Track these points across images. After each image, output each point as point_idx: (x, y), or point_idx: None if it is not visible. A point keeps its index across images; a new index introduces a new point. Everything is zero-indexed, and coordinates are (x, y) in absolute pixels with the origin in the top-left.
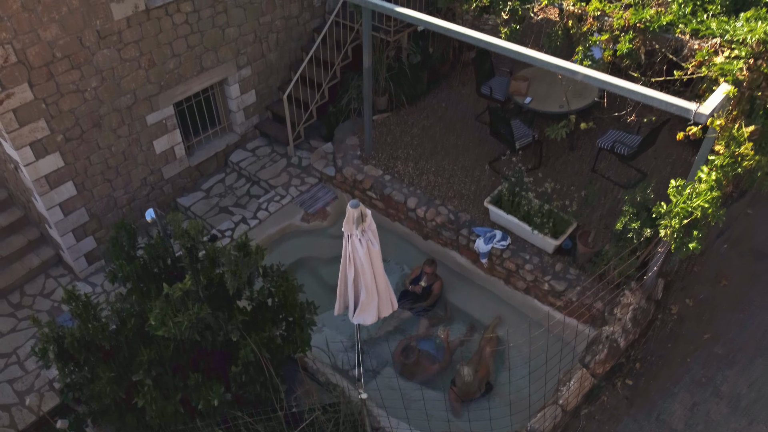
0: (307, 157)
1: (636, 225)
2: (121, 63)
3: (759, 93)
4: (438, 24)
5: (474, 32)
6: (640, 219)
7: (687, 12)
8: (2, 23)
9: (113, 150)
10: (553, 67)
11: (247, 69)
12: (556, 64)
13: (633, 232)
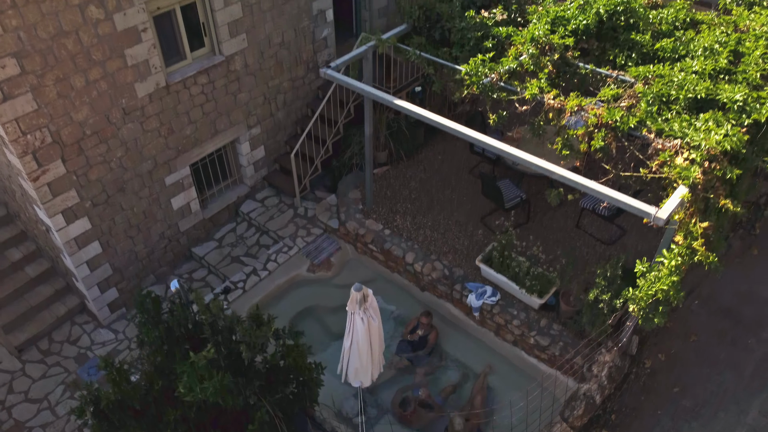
0: (312, 208)
1: (607, 296)
2: (143, 134)
3: (711, 195)
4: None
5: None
6: (611, 291)
7: (654, 110)
8: (40, 110)
9: (135, 210)
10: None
11: (256, 128)
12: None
13: (604, 303)
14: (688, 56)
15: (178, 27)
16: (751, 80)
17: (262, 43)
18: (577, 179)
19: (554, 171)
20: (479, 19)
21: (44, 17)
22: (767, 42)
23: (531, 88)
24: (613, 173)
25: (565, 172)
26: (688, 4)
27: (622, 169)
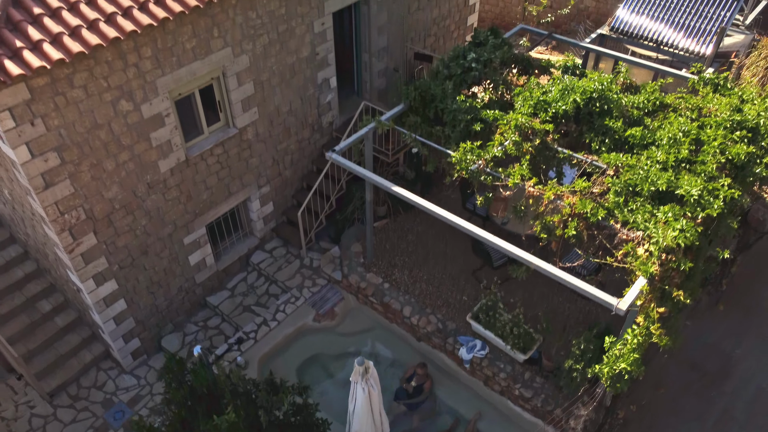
0: (317, 259)
1: (580, 366)
2: (165, 203)
3: (667, 286)
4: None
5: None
6: (584, 360)
7: (621, 201)
8: (76, 193)
9: (156, 269)
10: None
11: (266, 187)
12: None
13: (577, 373)
14: (655, 144)
15: (196, 107)
16: (708, 171)
17: (271, 114)
18: (544, 266)
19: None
20: (469, 103)
21: (82, 115)
22: (725, 132)
23: (513, 177)
24: (584, 257)
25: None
26: (658, 86)
27: (593, 254)
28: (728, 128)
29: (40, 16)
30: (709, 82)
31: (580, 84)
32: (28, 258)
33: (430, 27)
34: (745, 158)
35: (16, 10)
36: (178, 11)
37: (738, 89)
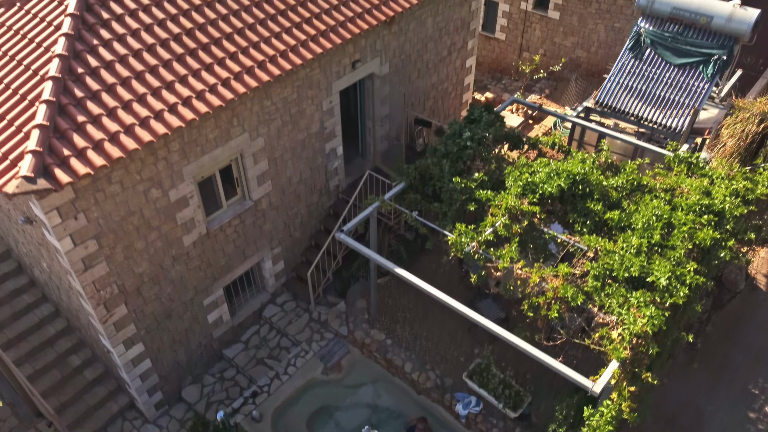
0: (325, 313)
1: (563, 430)
2: (188, 272)
3: (637, 369)
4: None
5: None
6: (567, 424)
7: (598, 285)
8: (111, 272)
9: (178, 330)
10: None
11: (278, 248)
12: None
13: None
14: (631, 227)
15: (216, 184)
16: (677, 257)
17: (283, 184)
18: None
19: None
20: (464, 183)
21: (117, 205)
22: (694, 216)
23: (503, 260)
24: (565, 337)
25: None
26: (636, 166)
27: (574, 335)
28: (697, 212)
29: (84, 124)
30: (683, 161)
31: (565, 167)
32: (59, 316)
33: (429, 91)
34: (710, 243)
35: (62, 118)
36: (204, 112)
37: (709, 168)
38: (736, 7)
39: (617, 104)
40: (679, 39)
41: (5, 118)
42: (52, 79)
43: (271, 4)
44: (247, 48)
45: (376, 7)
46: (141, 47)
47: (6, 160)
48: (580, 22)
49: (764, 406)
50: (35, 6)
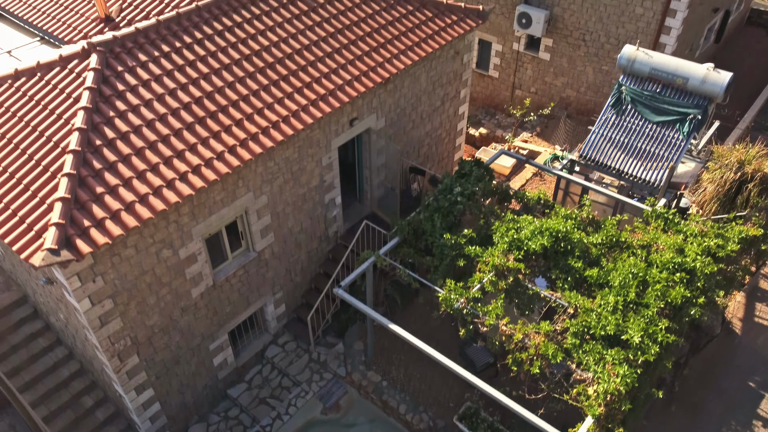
0: (325, 354)
1: None
2: (195, 321)
3: (610, 425)
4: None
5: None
6: None
7: (577, 343)
8: (125, 326)
9: (186, 374)
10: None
11: (279, 293)
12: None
13: None
14: (609, 284)
15: (222, 239)
16: (650, 315)
17: (285, 235)
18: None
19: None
20: (454, 240)
21: (132, 266)
22: (667, 274)
23: (489, 317)
24: (547, 391)
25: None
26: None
27: (554, 389)
28: (670, 269)
29: (102, 195)
30: (660, 216)
31: (548, 224)
32: (73, 358)
33: (424, 139)
34: (681, 301)
35: (82, 190)
36: (212, 179)
37: (683, 225)
38: (709, 70)
39: (600, 158)
40: (658, 98)
41: (29, 188)
42: (72, 152)
43: (273, 69)
44: (252, 114)
45: (373, 69)
46: (154, 117)
47: (31, 231)
48: (569, 64)
49: None
50: (55, 77)
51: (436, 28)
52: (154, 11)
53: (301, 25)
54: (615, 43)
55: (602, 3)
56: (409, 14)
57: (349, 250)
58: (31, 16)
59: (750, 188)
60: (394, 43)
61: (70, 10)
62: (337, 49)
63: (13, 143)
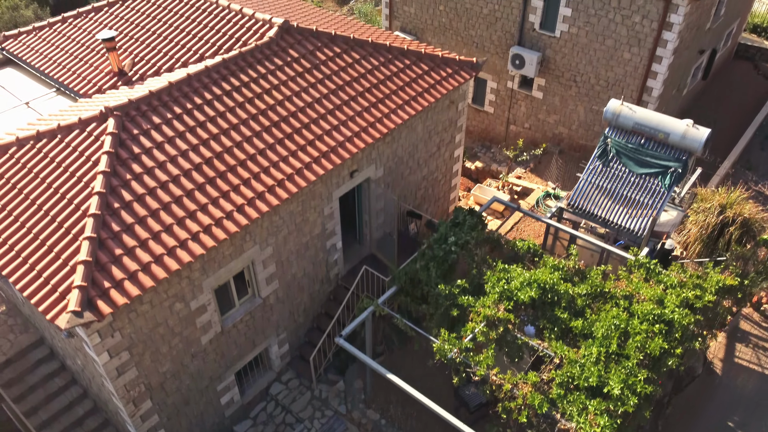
0: (326, 391)
1: None
2: (204, 365)
3: None
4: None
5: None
6: None
7: (562, 393)
8: (139, 374)
9: (195, 413)
10: None
11: (283, 334)
12: None
13: None
14: (593, 335)
15: (230, 288)
16: (630, 366)
17: (289, 281)
18: None
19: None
20: (448, 290)
21: (147, 320)
22: (647, 326)
23: (480, 368)
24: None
25: None
26: (600, 272)
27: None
28: (650, 321)
29: (120, 256)
30: (642, 265)
31: (537, 276)
32: (87, 397)
33: (420, 183)
34: (660, 352)
35: (102, 252)
36: (222, 239)
37: (664, 275)
38: (689, 126)
39: (587, 206)
40: (641, 151)
41: (53, 250)
42: (93, 215)
43: (278, 128)
44: (258, 174)
45: (373, 125)
46: (167, 179)
47: (55, 292)
48: (561, 103)
49: None
50: (74, 139)
51: (432, 82)
52: (164, 66)
53: (304, 82)
54: (605, 84)
55: (592, 47)
56: (406, 68)
57: (349, 293)
58: (47, 67)
59: (731, 231)
60: (392, 98)
61: (85, 62)
62: (338, 106)
63: (36, 204)
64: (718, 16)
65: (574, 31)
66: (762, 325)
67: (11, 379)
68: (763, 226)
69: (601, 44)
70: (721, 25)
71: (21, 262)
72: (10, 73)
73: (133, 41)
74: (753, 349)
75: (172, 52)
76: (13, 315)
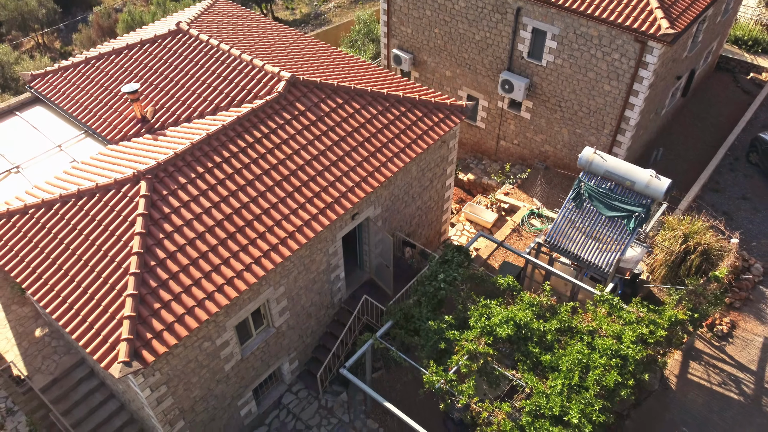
0: (331, 401)
1: None
2: (227, 387)
3: None
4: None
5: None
6: None
7: (530, 420)
8: (175, 402)
9: (219, 426)
10: None
11: (293, 353)
12: None
13: None
14: (558, 368)
15: (248, 323)
16: (588, 397)
17: (299, 311)
18: None
19: None
20: (437, 325)
21: (181, 359)
22: (606, 359)
23: (463, 396)
24: None
25: None
26: (570, 308)
27: None
28: (608, 355)
29: (159, 310)
30: (606, 301)
31: (514, 313)
32: (124, 409)
33: (415, 213)
34: (614, 384)
35: (143, 306)
36: (243, 289)
37: (624, 312)
38: (652, 177)
39: (561, 244)
40: (610, 195)
41: (100, 304)
42: (133, 274)
43: (288, 182)
44: (272, 227)
45: (372, 174)
46: (194, 235)
47: (106, 343)
48: (547, 125)
49: None
50: (111, 199)
51: (425, 128)
52: (183, 115)
53: (310, 135)
54: (587, 111)
55: (575, 78)
56: (402, 116)
57: (353, 317)
58: (75, 110)
59: (692, 258)
60: (389, 146)
61: (110, 107)
62: (341, 157)
63: (83, 260)
64: (696, 43)
65: (560, 62)
66: (713, 344)
67: (58, 396)
68: (721, 255)
69: (584, 76)
70: (700, 50)
71: (74, 314)
72: (40, 112)
73: (152, 87)
74: (704, 367)
75: (189, 101)
76: (56, 337)
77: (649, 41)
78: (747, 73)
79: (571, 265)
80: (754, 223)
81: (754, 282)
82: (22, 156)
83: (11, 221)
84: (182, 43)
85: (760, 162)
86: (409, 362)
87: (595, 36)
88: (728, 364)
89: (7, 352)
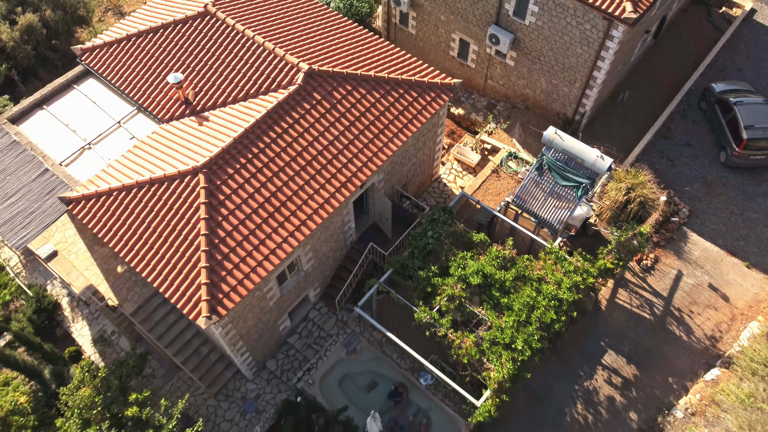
0: (346, 316)
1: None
2: (271, 316)
3: (501, 394)
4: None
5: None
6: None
7: (489, 347)
8: (236, 332)
9: (264, 339)
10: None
11: (316, 284)
12: None
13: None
14: (511, 308)
15: (285, 271)
16: (531, 330)
17: (321, 257)
18: (444, 377)
19: (434, 371)
20: (425, 274)
21: (240, 306)
22: (547, 302)
23: (443, 327)
24: (470, 371)
25: (437, 372)
26: (527, 258)
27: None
28: (549, 298)
29: (225, 276)
30: (553, 253)
31: (483, 264)
32: (192, 325)
33: (410, 169)
34: (549, 321)
35: (213, 275)
36: (284, 256)
37: (568, 263)
38: (597, 157)
39: (524, 204)
40: (565, 168)
41: (182, 272)
42: (204, 251)
43: (311, 166)
44: (301, 205)
45: (378, 151)
46: (244, 216)
47: (190, 302)
48: (528, 73)
49: (584, 383)
50: (177, 187)
51: (419, 107)
52: (219, 99)
53: (326, 122)
54: (561, 67)
55: (553, 39)
56: (400, 98)
57: (363, 256)
58: (126, 87)
59: (632, 207)
60: (390, 127)
61: (156, 87)
62: (351, 140)
63: (162, 237)
64: (664, 2)
65: (540, 24)
66: (639, 275)
67: (143, 318)
68: (655, 205)
69: (560, 38)
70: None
71: (163, 279)
72: (94, 85)
73: (190, 70)
74: (629, 293)
75: (223, 86)
76: (135, 273)
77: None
78: (720, 6)
79: (530, 219)
80: (691, 169)
81: (679, 224)
82: (91, 132)
83: (100, 201)
84: (211, 26)
85: (707, 111)
86: (404, 302)
87: (570, 7)
88: (647, 291)
89: (99, 285)
